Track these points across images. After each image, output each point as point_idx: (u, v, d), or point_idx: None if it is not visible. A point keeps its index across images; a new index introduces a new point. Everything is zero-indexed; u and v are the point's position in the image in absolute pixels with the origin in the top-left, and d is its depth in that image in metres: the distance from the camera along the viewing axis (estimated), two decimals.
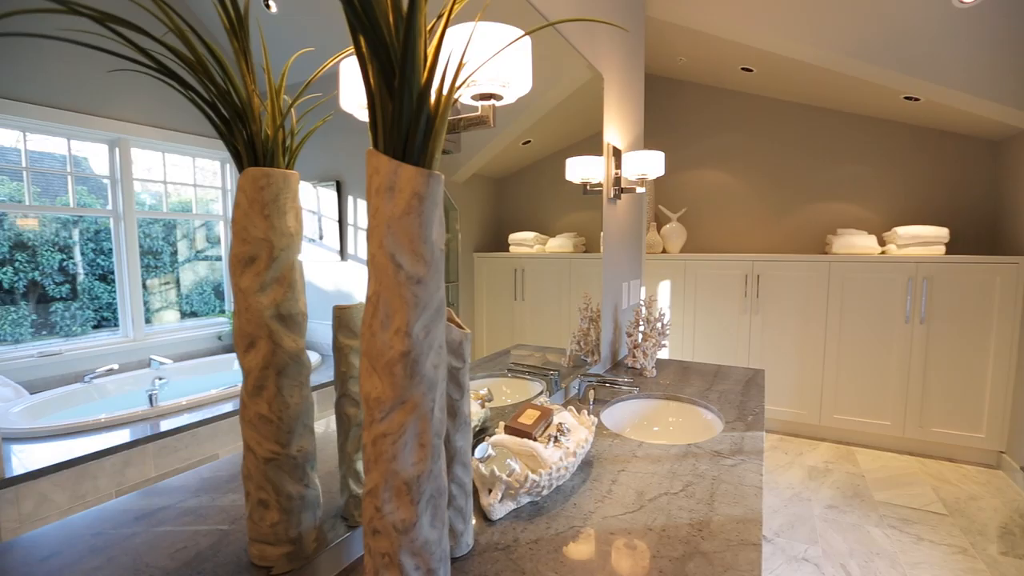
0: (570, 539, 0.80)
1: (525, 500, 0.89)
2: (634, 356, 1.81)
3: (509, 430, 0.96)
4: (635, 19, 2.14)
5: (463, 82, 0.59)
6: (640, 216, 2.21)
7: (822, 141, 3.47)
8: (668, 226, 3.64)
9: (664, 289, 3.51)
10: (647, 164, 1.75)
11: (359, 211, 1.06)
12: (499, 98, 0.79)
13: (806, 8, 2.32)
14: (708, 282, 3.39)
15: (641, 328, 1.84)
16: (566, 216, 1.97)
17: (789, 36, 2.48)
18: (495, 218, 1.88)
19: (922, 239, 2.93)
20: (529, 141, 1.99)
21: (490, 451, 0.87)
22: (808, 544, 2.13)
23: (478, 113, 0.79)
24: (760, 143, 3.64)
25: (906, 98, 2.80)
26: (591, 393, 1.43)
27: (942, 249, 2.91)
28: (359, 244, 1.06)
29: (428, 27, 0.55)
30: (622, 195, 1.90)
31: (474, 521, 0.85)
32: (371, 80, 0.54)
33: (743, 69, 3.21)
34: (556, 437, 0.94)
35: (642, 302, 1.88)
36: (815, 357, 3.15)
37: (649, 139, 3.93)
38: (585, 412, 1.11)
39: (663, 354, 3.55)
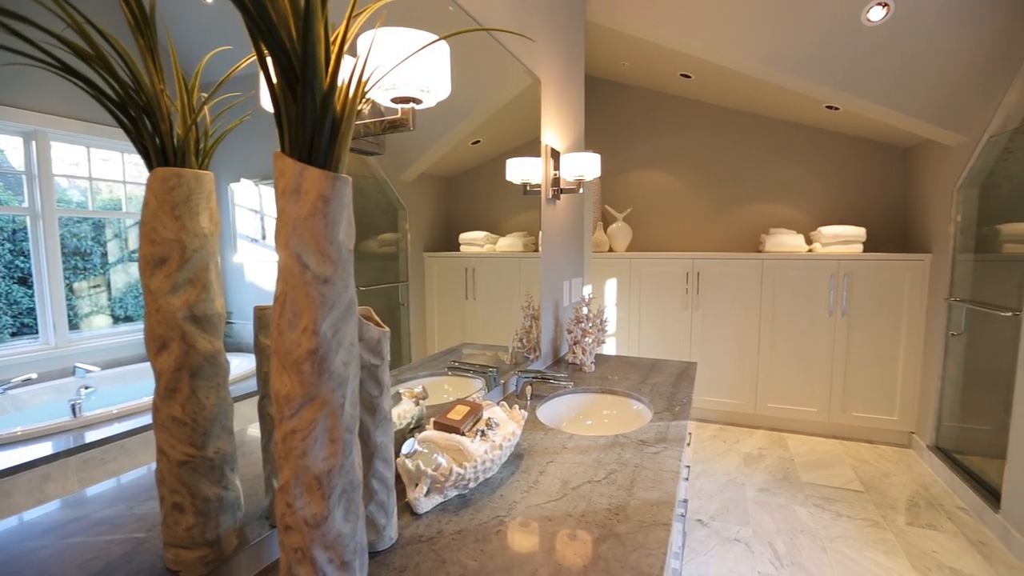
0: (493, 528, 0.83)
1: (452, 493, 0.91)
2: (574, 352, 1.86)
3: (438, 426, 0.98)
4: (574, 24, 2.20)
5: (371, 87, 0.61)
6: (581, 216, 2.28)
7: (755, 145, 3.67)
8: (614, 225, 3.75)
9: (611, 286, 3.62)
10: (584, 166, 1.80)
11: None
12: (418, 102, 0.80)
13: (734, 21, 2.45)
14: (652, 279, 3.52)
15: (581, 325, 1.90)
16: (516, 216, 2.00)
17: (720, 46, 2.61)
18: (446, 218, 1.89)
19: (843, 238, 3.15)
20: (478, 141, 2.01)
21: (417, 447, 0.89)
22: (740, 526, 2.26)
23: (398, 116, 0.81)
24: (700, 146, 3.80)
25: (828, 107, 3.01)
26: (528, 389, 1.47)
27: (860, 247, 3.14)
28: None
29: (337, 31, 0.56)
30: (561, 195, 1.95)
31: (400, 516, 0.87)
32: (274, 83, 0.55)
33: (682, 75, 3.35)
34: (483, 431, 0.97)
35: (585, 299, 1.93)
36: (750, 350, 3.33)
37: (596, 140, 4.03)
38: (517, 407, 1.14)
39: (611, 349, 3.65)
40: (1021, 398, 2.07)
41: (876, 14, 2.25)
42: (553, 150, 1.85)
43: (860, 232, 3.14)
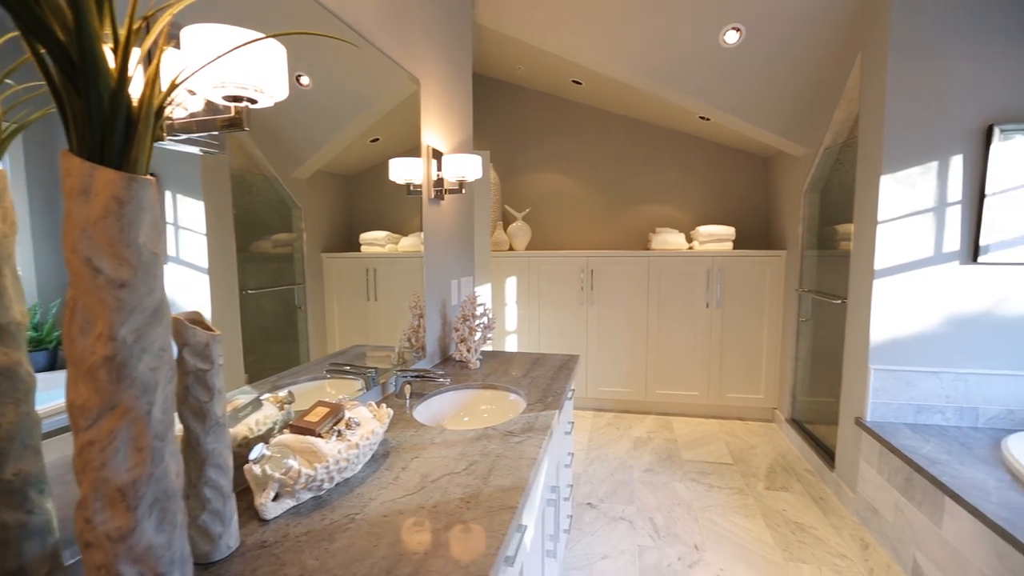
0: (343, 527, 0.84)
1: (306, 496, 0.91)
2: (459, 350, 1.90)
3: (294, 429, 0.97)
4: (460, 26, 2.23)
5: (177, 86, 0.59)
6: (470, 216, 2.32)
7: (643, 150, 3.94)
8: (514, 225, 3.85)
9: (511, 285, 3.71)
10: (466, 167, 1.85)
11: (181, 208, 0.98)
12: (253, 101, 0.79)
13: (607, 32, 2.62)
14: (551, 277, 3.66)
15: (468, 323, 1.94)
16: (419, 215, 2.00)
17: (596, 54, 2.77)
18: (346, 217, 1.84)
19: (717, 237, 3.48)
20: (377, 139, 1.98)
21: (265, 451, 0.87)
22: (626, 505, 2.43)
23: (232, 114, 0.79)
24: (593, 149, 4.01)
25: (701, 117, 3.30)
26: (407, 388, 1.48)
27: (731, 245, 3.49)
28: (183, 244, 0.98)
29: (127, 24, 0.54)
30: (446, 196, 1.98)
31: (247, 523, 0.85)
32: (53, 78, 0.52)
33: (573, 81, 3.51)
34: (340, 432, 0.97)
35: (471, 297, 1.98)
36: (640, 341, 3.57)
37: (496, 143, 4.11)
38: (384, 406, 1.15)
39: (512, 345, 3.75)
40: (847, 373, 2.42)
41: (731, 37, 2.51)
42: (435, 151, 1.88)
43: (731, 231, 3.49)
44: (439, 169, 1.89)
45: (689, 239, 3.73)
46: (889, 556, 2.01)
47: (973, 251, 2.09)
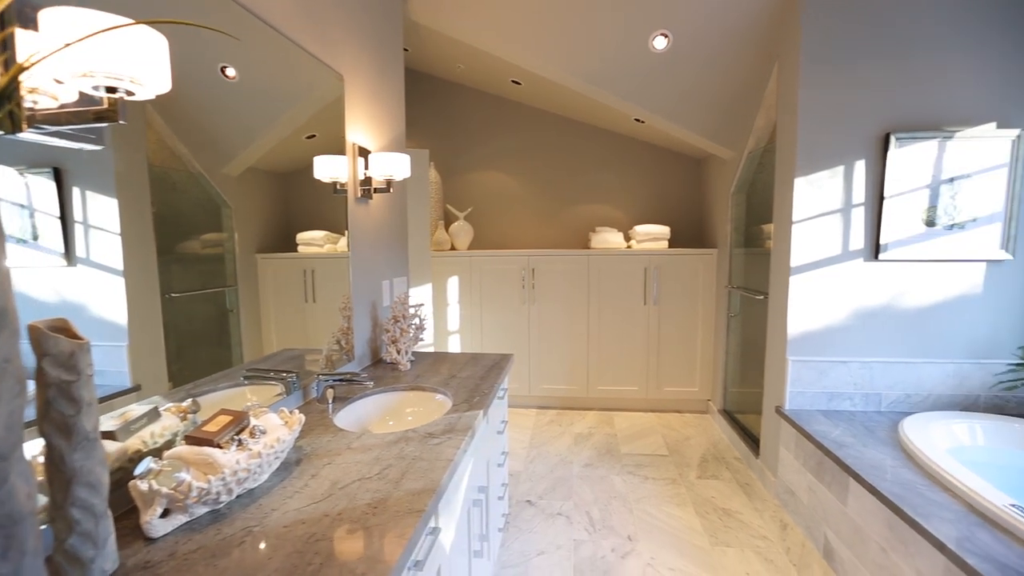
0: (237, 541, 0.80)
1: (201, 510, 0.86)
2: (389, 352, 1.87)
3: (190, 440, 0.92)
4: (389, 22, 2.19)
5: (18, 69, 0.55)
6: (403, 215, 2.28)
7: (582, 150, 4.01)
8: (456, 224, 3.82)
9: (453, 284, 3.69)
10: (394, 165, 1.81)
11: (91, 205, 0.91)
12: (130, 93, 0.74)
13: (541, 34, 2.65)
14: (492, 276, 3.66)
15: (399, 324, 1.91)
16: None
17: (535, 57, 2.80)
18: (282, 216, 1.76)
19: (653, 236, 3.60)
20: (314, 136, 1.90)
21: (152, 465, 0.82)
22: (564, 500, 2.47)
23: (103, 106, 0.74)
24: (534, 149, 4.05)
25: (636, 120, 3.40)
26: (329, 392, 1.44)
27: (666, 244, 3.61)
28: (93, 245, 0.91)
29: None
30: (374, 195, 1.94)
31: (131, 543, 0.79)
32: None
33: (513, 81, 3.53)
34: (241, 441, 0.93)
35: (402, 298, 1.94)
36: (581, 338, 3.64)
37: (437, 142, 4.07)
38: (297, 412, 1.11)
39: (455, 346, 3.72)
40: (769, 364, 2.56)
41: (660, 43, 2.60)
42: (362, 148, 1.83)
43: (666, 231, 3.61)
44: (366, 167, 1.85)
45: (627, 238, 3.83)
46: (804, 535, 2.14)
47: (875, 249, 2.26)
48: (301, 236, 1.79)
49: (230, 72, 1.40)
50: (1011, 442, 2.03)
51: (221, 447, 0.91)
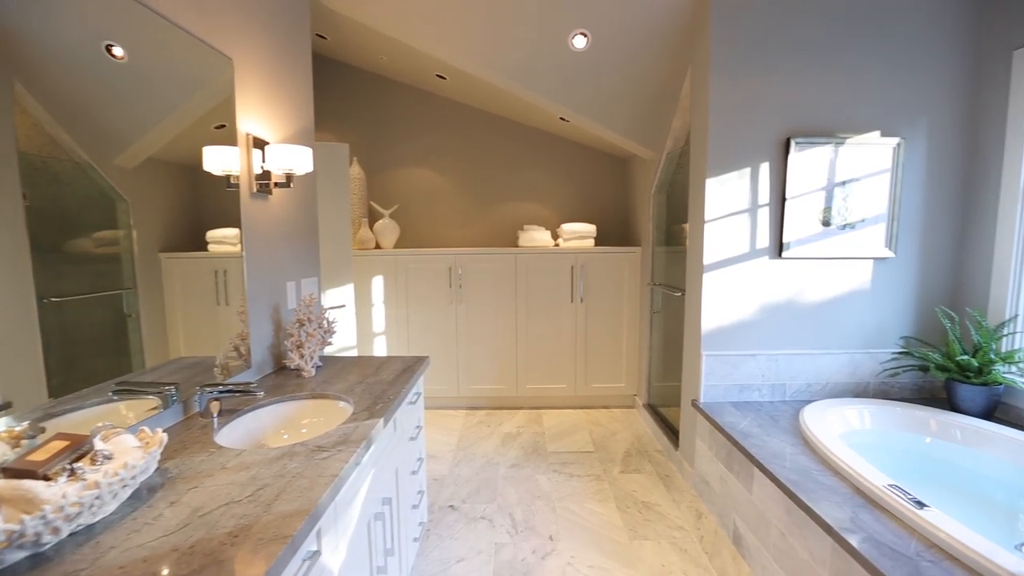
0: None
1: (18, 556, 0.73)
2: (291, 358, 1.74)
3: (8, 472, 0.78)
4: (292, 3, 2.05)
5: None
6: (311, 211, 2.15)
7: (510, 148, 3.99)
8: (381, 222, 3.69)
9: (378, 284, 3.55)
10: (294, 159, 1.69)
11: None
12: None
13: (461, 28, 2.59)
14: (419, 276, 3.56)
15: (305, 328, 1.78)
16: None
17: (454, 50, 2.74)
18: (190, 212, 1.59)
19: (580, 234, 3.63)
20: (223, 126, 1.73)
21: None
22: (488, 503, 2.43)
23: None
24: (462, 146, 3.98)
25: (561, 119, 3.41)
26: (215, 405, 1.31)
27: (592, 242, 3.66)
28: None
29: None
30: (274, 190, 1.80)
31: None
32: None
33: (438, 76, 3.44)
34: (75, 469, 0.81)
35: (307, 300, 1.82)
36: (510, 337, 3.62)
37: (361, 135, 3.90)
38: (159, 431, 0.99)
39: (381, 348, 3.59)
40: (687, 359, 2.64)
41: (580, 42, 2.61)
42: (258, 139, 1.69)
43: (592, 229, 3.65)
44: (263, 160, 1.71)
45: (555, 236, 3.85)
46: (717, 523, 2.22)
47: (779, 247, 2.38)
48: (212, 234, 1.64)
49: (117, 52, 1.25)
50: (893, 424, 2.20)
51: (48, 478, 0.79)
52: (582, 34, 2.55)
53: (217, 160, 1.61)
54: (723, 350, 2.44)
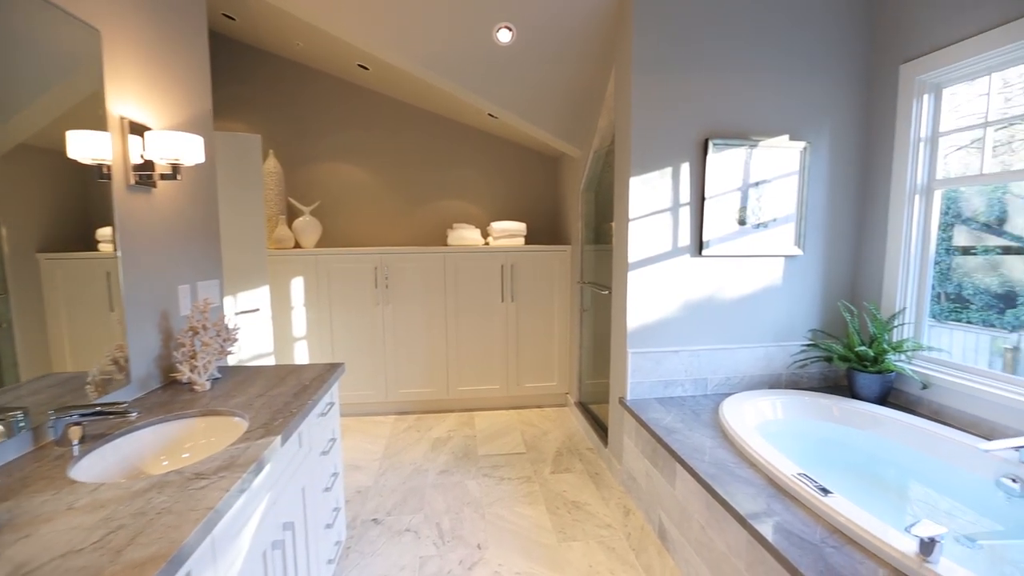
0: None
1: None
2: (181, 371, 1.56)
3: None
4: None
5: None
6: (210, 206, 1.94)
7: (439, 144, 3.87)
8: (301, 220, 3.46)
9: (298, 286, 3.33)
10: (179, 147, 1.50)
11: None
12: None
13: (379, 13, 2.46)
14: (343, 276, 3.38)
15: (200, 336, 1.60)
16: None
17: (372, 37, 2.60)
18: (76, 208, 1.36)
19: (510, 232, 3.59)
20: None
21: None
22: (414, 514, 2.32)
23: None
24: (389, 141, 3.82)
25: (490, 115, 3.34)
26: (75, 431, 1.12)
27: (523, 240, 3.63)
28: None
29: None
30: (160, 183, 1.60)
31: None
32: None
33: (360, 66, 3.26)
34: None
35: (202, 305, 1.63)
36: (439, 338, 3.51)
37: (278, 126, 3.65)
38: None
39: (303, 354, 3.37)
40: (614, 357, 2.66)
41: (504, 36, 2.55)
42: (136, 124, 1.49)
43: (522, 227, 3.62)
44: (143, 148, 1.51)
45: (485, 235, 3.79)
46: (643, 519, 2.24)
47: (699, 245, 2.45)
48: (102, 232, 1.43)
49: None
50: (803, 412, 2.32)
51: None
52: (507, 28, 2.50)
53: (84, 146, 1.40)
54: (648, 347, 2.47)
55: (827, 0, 2.41)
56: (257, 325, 2.95)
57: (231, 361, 2.53)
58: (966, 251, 2.41)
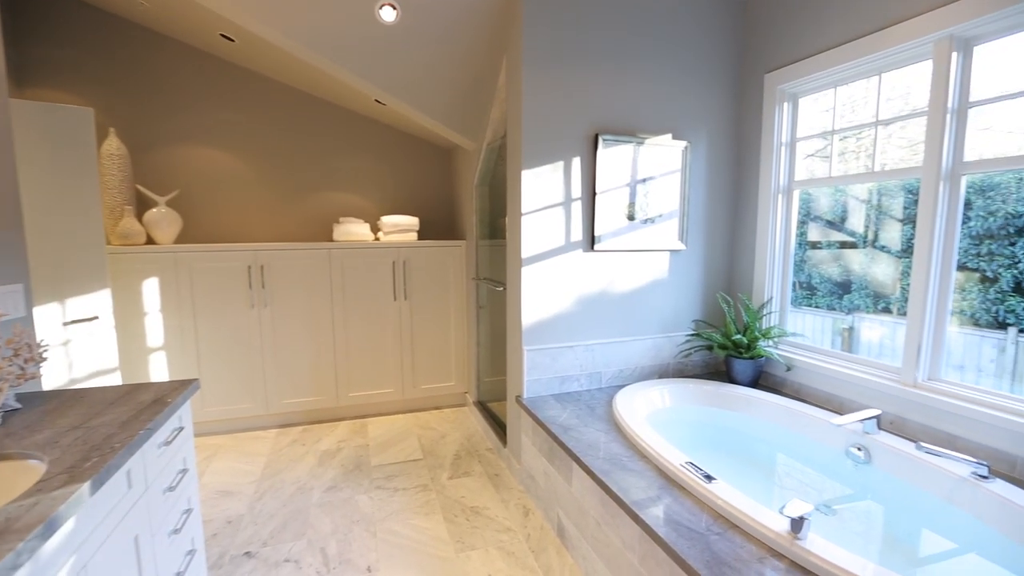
0: None
1: None
2: None
3: None
4: None
5: None
6: (11, 193, 1.55)
7: (325, 131, 3.56)
8: (154, 212, 2.98)
9: (152, 288, 2.86)
10: None
11: None
12: None
13: None
14: (209, 276, 2.96)
15: None
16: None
17: (236, 5, 2.28)
18: None
19: (401, 227, 3.39)
20: None
21: None
22: (295, 541, 2.08)
23: None
24: (266, 125, 3.43)
25: (377, 101, 3.12)
26: None
27: (415, 235, 3.45)
28: None
29: None
30: None
31: None
32: None
33: (223, 36, 2.87)
34: None
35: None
36: (326, 342, 3.23)
37: (122, 102, 3.10)
38: None
39: (161, 368, 2.91)
40: (510, 355, 2.61)
41: (388, 14, 2.36)
42: None
43: (415, 221, 3.44)
44: None
45: (375, 229, 3.56)
46: (543, 518, 2.21)
47: (591, 240, 2.47)
48: None
49: None
50: (688, 400, 2.44)
51: None
52: (390, 5, 2.31)
53: None
54: (544, 343, 2.45)
55: (701, 9, 2.54)
56: (96, 337, 2.48)
57: (46, 384, 2.08)
58: (814, 245, 2.69)
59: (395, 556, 1.97)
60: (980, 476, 1.56)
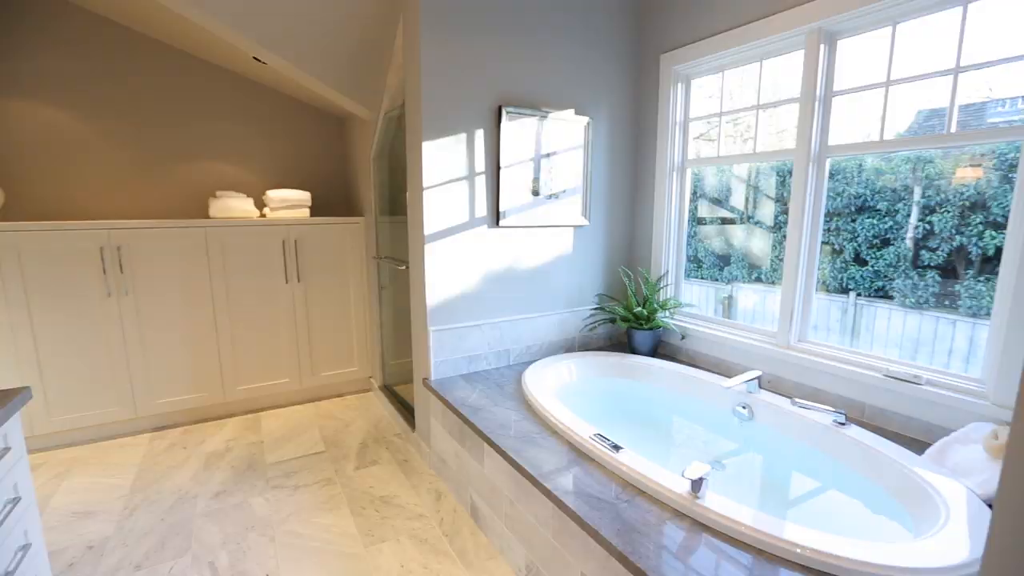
0: None
1: None
2: None
3: None
4: None
5: None
6: None
7: (194, 92, 3.10)
8: None
9: None
10: None
11: None
12: None
13: None
14: (48, 260, 2.48)
15: None
16: None
17: None
18: None
19: (291, 203, 3.09)
20: None
21: None
22: (177, 559, 1.85)
23: None
24: (121, 81, 2.90)
25: (254, 58, 2.76)
26: None
27: (308, 212, 3.17)
28: None
29: None
30: None
31: None
32: None
33: None
34: None
35: None
36: (207, 332, 2.88)
37: None
38: None
39: None
40: (415, 336, 2.50)
41: None
42: None
43: (306, 196, 3.15)
44: None
45: (260, 205, 3.21)
46: (455, 501, 2.18)
47: (496, 216, 2.41)
48: None
49: None
50: (594, 372, 2.52)
51: None
52: None
53: None
54: (450, 323, 2.38)
55: None
56: None
57: None
58: (701, 221, 2.88)
59: (298, 559, 1.83)
60: (839, 423, 1.77)
